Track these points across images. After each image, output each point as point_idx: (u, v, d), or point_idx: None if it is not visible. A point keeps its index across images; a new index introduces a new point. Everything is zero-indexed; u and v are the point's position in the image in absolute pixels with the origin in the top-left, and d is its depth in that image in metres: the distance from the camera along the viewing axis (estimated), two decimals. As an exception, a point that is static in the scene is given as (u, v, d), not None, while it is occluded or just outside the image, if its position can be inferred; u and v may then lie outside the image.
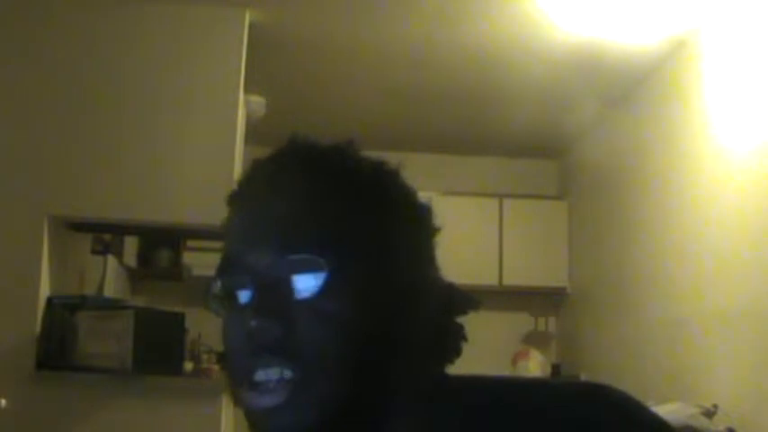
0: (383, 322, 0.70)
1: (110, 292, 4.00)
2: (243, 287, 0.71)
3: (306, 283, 0.68)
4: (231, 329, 0.72)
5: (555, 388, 0.72)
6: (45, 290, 3.42)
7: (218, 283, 0.74)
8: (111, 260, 4.19)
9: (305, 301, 0.68)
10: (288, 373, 0.67)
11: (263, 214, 0.72)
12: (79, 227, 3.77)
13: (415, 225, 0.77)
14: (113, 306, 3.61)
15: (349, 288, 0.69)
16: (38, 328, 3.32)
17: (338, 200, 0.72)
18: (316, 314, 0.68)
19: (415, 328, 0.72)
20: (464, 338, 0.76)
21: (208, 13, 3.70)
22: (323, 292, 0.68)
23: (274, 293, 0.69)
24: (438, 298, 0.76)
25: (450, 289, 0.78)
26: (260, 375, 0.68)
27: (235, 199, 0.77)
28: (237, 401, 0.72)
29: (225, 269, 0.74)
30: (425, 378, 0.74)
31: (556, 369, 5.55)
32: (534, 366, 5.34)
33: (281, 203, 0.71)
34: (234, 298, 0.72)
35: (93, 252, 4.16)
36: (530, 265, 5.62)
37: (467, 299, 0.78)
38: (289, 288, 0.69)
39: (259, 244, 0.70)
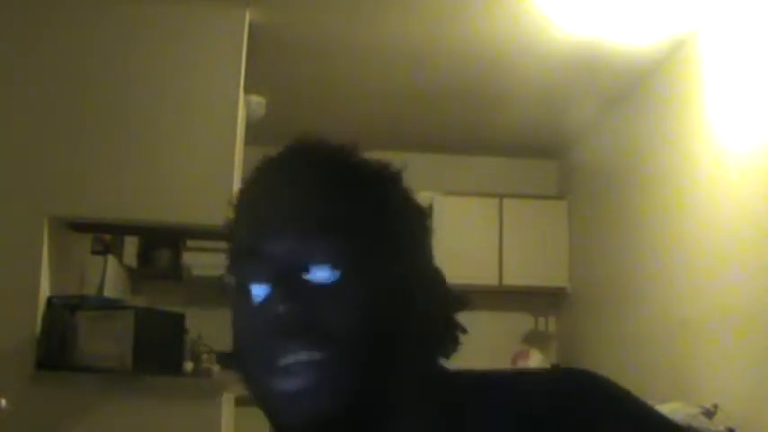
0: (397, 312, 0.73)
1: (110, 292, 4.00)
2: (260, 278, 0.72)
3: (324, 271, 0.71)
4: (250, 321, 0.73)
5: (540, 375, 0.79)
6: (45, 290, 3.42)
7: (233, 277, 0.75)
8: (111, 260, 4.19)
9: (325, 287, 0.70)
10: (315, 355, 0.69)
11: (279, 206, 0.74)
12: (79, 227, 3.77)
13: (418, 223, 0.81)
14: (113, 306, 3.61)
15: (364, 278, 0.72)
16: (38, 328, 3.32)
17: (350, 196, 0.75)
18: (336, 300, 0.70)
19: (423, 320, 0.76)
20: (463, 331, 0.80)
21: (208, 13, 3.70)
22: (341, 279, 0.71)
23: (296, 281, 0.71)
24: (440, 293, 0.80)
25: (448, 285, 0.82)
26: (288, 359, 0.69)
27: (246, 193, 0.78)
28: (260, 394, 0.73)
29: (240, 262, 0.75)
30: (430, 369, 0.79)
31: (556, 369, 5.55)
32: (534, 366, 5.34)
33: (297, 197, 0.73)
34: (248, 291, 0.73)
35: (93, 252, 4.15)
36: (530, 265, 5.62)
37: (463, 297, 0.82)
38: (308, 275, 0.71)
39: (277, 235, 0.72)
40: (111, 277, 4.08)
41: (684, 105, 3.97)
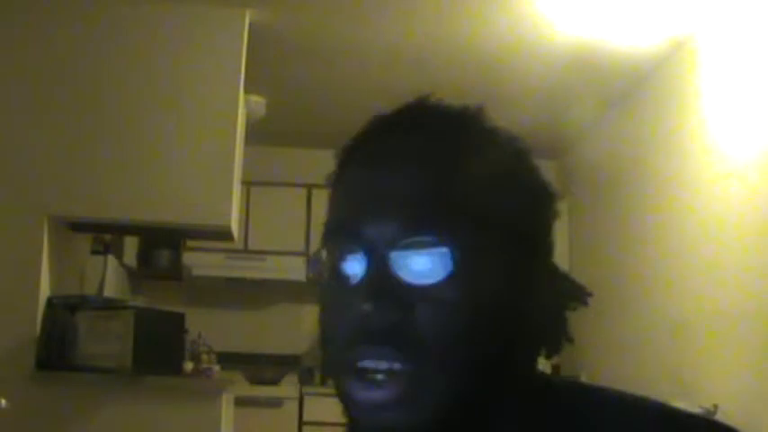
0: (507, 317, 0.63)
1: (110, 292, 4.00)
2: (355, 259, 0.62)
3: (428, 267, 0.60)
4: (336, 308, 0.63)
5: (678, 422, 0.65)
6: (45, 290, 3.42)
7: (325, 251, 0.64)
8: (112, 260, 4.19)
9: (426, 288, 0.60)
10: (398, 366, 0.59)
11: (388, 181, 0.62)
12: (79, 227, 3.77)
13: (546, 212, 0.70)
14: (113, 306, 3.61)
15: (475, 278, 0.60)
16: (38, 328, 3.32)
17: (475, 178, 0.64)
18: (436, 303, 0.59)
19: (533, 324, 0.66)
20: (568, 338, 0.71)
21: (208, 13, 3.70)
22: (447, 279, 0.59)
23: (391, 275, 0.60)
24: (555, 290, 0.69)
25: (565, 280, 0.72)
26: (368, 363, 0.60)
27: (353, 154, 0.67)
28: (339, 390, 0.64)
29: (335, 236, 0.64)
30: (535, 376, 0.68)
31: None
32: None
33: (412, 173, 0.62)
34: (340, 270, 0.63)
35: (93, 252, 4.16)
36: (530, 265, 5.61)
37: (579, 290, 0.72)
38: (408, 270, 0.60)
39: (380, 215, 0.61)
40: (111, 277, 4.08)
41: (683, 106, 3.97)
